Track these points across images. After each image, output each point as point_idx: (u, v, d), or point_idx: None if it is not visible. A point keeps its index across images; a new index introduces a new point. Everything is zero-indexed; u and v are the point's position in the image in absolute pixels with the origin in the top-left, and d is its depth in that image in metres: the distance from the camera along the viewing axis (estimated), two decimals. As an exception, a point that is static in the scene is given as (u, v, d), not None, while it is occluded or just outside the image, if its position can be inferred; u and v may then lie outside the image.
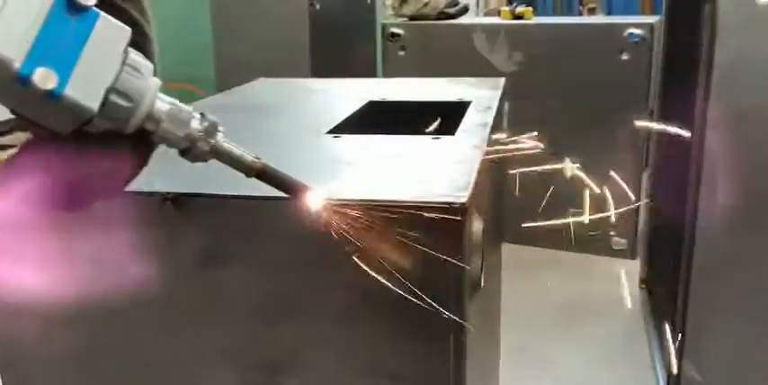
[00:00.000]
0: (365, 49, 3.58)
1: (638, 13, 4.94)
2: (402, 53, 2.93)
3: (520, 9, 2.84)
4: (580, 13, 5.10)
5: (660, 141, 2.36)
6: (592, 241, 2.71)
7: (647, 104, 2.62)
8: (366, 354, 0.72)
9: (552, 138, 2.95)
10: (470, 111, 1.09)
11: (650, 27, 2.57)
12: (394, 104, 1.21)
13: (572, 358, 2.05)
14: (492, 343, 1.32)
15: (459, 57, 2.79)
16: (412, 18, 2.95)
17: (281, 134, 1.01)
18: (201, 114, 0.62)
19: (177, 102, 0.61)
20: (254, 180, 0.63)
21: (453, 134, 0.95)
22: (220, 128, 0.62)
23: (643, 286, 2.41)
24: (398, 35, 2.92)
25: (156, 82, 0.59)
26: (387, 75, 2.95)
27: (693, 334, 1.69)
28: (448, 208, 0.66)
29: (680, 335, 1.69)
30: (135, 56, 0.57)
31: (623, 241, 2.69)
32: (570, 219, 0.98)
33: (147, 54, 0.63)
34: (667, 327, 1.79)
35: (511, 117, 1.36)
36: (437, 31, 2.92)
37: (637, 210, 2.65)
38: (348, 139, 0.95)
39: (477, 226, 0.71)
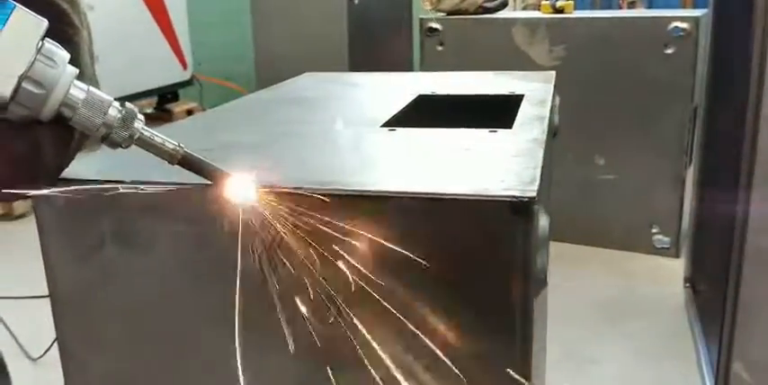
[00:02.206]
0: (402, 44, 3.57)
1: (680, 6, 4.85)
2: (440, 48, 2.91)
3: (560, 3, 2.80)
4: (620, 7, 5.02)
5: (706, 137, 2.30)
6: (634, 239, 2.66)
7: (691, 99, 2.56)
8: (426, 350, 0.71)
9: (594, 134, 2.93)
10: (524, 105, 1.07)
11: (695, 20, 2.51)
12: (444, 98, 1.20)
13: (615, 356, 2.02)
14: (543, 340, 1.31)
15: (498, 51, 2.76)
16: (450, 13, 2.94)
17: (338, 128, 1.00)
18: (122, 103, 0.65)
19: (96, 90, 0.64)
20: (321, 173, 0.63)
21: (510, 128, 0.94)
22: (140, 116, 0.65)
23: (687, 285, 2.36)
24: (437, 30, 2.90)
25: (72, 70, 0.62)
26: (424, 70, 2.94)
27: (743, 333, 1.65)
28: (516, 202, 0.65)
29: (728, 334, 1.65)
30: (50, 45, 0.61)
31: (666, 239, 2.64)
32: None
33: (74, 44, 0.69)
34: (714, 327, 1.75)
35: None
36: (476, 25, 2.89)
37: (681, 207, 2.60)
38: (404, 133, 0.94)
39: (543, 221, 0.70)
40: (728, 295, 1.67)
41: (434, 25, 2.90)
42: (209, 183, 0.67)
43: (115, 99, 0.66)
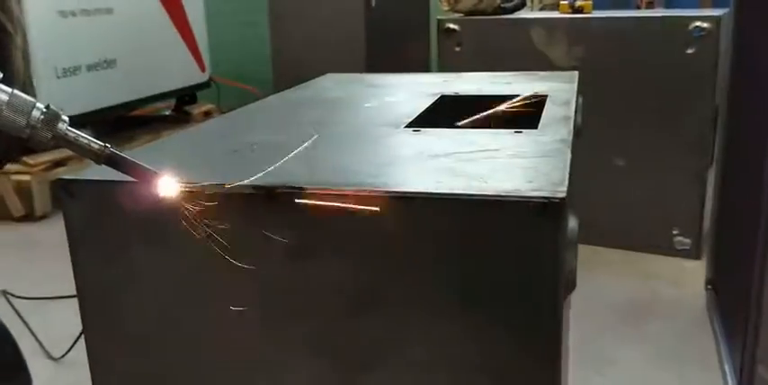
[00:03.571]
0: (419, 45, 3.57)
1: (698, 6, 4.80)
2: (458, 49, 2.90)
3: (579, 2, 2.78)
4: (637, 7, 4.98)
5: (728, 137, 2.28)
6: (654, 240, 2.64)
7: (712, 100, 2.53)
8: (456, 353, 0.71)
9: (614, 134, 2.90)
10: (549, 105, 1.06)
11: (717, 20, 2.48)
12: (467, 98, 1.20)
13: (635, 358, 2.00)
14: (566, 341, 1.30)
15: (516, 52, 2.75)
16: (468, 13, 2.93)
17: (362, 129, 1.00)
18: (47, 106, 0.68)
19: (19, 93, 0.66)
20: (349, 173, 0.63)
21: (535, 128, 0.93)
22: (64, 118, 0.68)
23: (709, 287, 2.33)
24: (454, 31, 2.90)
25: None
26: (442, 71, 2.93)
27: (767, 335, 1.63)
28: (546, 203, 0.64)
29: (753, 337, 1.63)
30: None
31: (687, 240, 2.61)
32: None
33: (5, 49, 0.72)
34: (737, 329, 1.73)
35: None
36: (493, 26, 2.88)
37: (702, 208, 2.58)
38: (429, 133, 0.94)
39: (572, 222, 0.69)
40: (752, 297, 1.65)
41: (452, 26, 2.89)
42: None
43: (133, 101, 0.69)
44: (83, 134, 0.69)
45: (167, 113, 4.29)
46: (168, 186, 0.69)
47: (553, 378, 0.69)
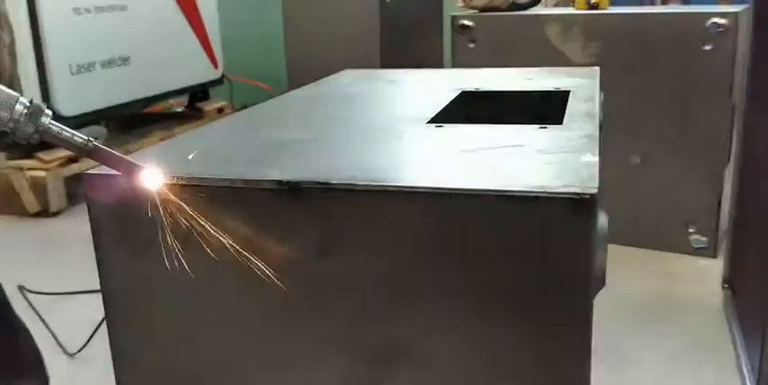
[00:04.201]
0: (433, 41, 3.56)
1: (716, 2, 4.76)
2: (472, 45, 2.89)
3: (595, -2, 2.76)
4: (652, 2, 4.94)
5: (746, 135, 2.25)
6: (670, 239, 2.62)
7: (730, 97, 2.51)
8: (484, 350, 0.70)
9: (629, 132, 2.88)
10: (572, 101, 1.05)
11: (735, 16, 2.46)
12: (488, 94, 1.19)
13: (651, 358, 1.98)
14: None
15: (531, 48, 2.73)
16: (482, 10, 2.91)
17: (385, 124, 0.99)
18: (30, 100, 0.69)
19: (2, 87, 0.68)
20: (375, 169, 0.63)
21: (559, 124, 0.92)
22: (47, 112, 0.70)
23: (726, 285, 2.31)
24: (468, 27, 2.88)
25: None
26: (456, 67, 2.92)
27: (787, 336, 1.61)
28: (577, 199, 0.63)
29: (772, 337, 1.61)
30: None
31: (704, 239, 2.59)
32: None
33: None
34: (755, 328, 1.72)
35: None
36: (508, 22, 2.86)
37: (718, 206, 2.55)
38: (452, 129, 0.93)
39: (602, 219, 0.68)
40: (772, 296, 1.63)
41: (466, 22, 2.88)
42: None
43: (147, 98, 0.70)
44: (66, 128, 0.71)
45: (180, 110, 4.29)
46: (153, 179, 0.70)
47: (582, 376, 0.68)
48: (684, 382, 1.89)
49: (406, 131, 0.95)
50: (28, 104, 0.69)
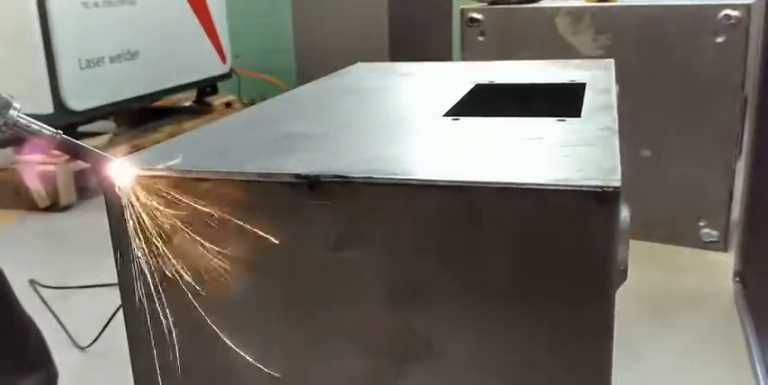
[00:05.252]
0: (442, 34, 3.54)
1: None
2: (481, 38, 2.87)
3: (606, -10, 2.74)
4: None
5: (758, 128, 2.24)
6: (680, 232, 2.61)
7: (742, 89, 2.49)
8: (502, 347, 0.70)
9: (640, 125, 2.86)
10: (589, 93, 1.04)
11: (747, 8, 2.44)
12: (503, 87, 1.18)
13: (661, 352, 1.98)
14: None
15: (541, 41, 2.72)
16: (492, 2, 2.90)
17: (401, 117, 0.99)
18: None
19: None
20: (393, 162, 0.63)
21: (577, 116, 0.92)
22: (15, 105, 0.71)
23: (737, 279, 2.30)
24: (478, 20, 2.87)
25: None
26: (465, 60, 2.90)
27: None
28: (600, 192, 0.63)
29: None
30: None
31: (714, 233, 2.57)
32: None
33: None
34: (767, 322, 1.71)
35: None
36: (518, 15, 2.84)
37: (730, 200, 2.54)
38: (469, 122, 0.92)
39: (624, 213, 0.68)
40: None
41: (475, 15, 2.86)
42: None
43: (155, 93, 0.71)
44: (34, 121, 0.72)
45: (188, 104, 4.29)
46: (122, 171, 0.71)
47: (603, 372, 0.67)
48: (696, 377, 1.88)
49: (423, 124, 0.94)
50: None
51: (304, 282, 0.74)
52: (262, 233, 0.72)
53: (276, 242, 0.72)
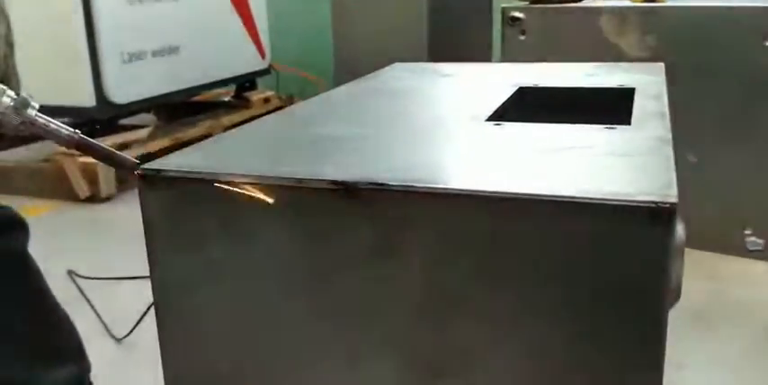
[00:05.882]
0: (482, 33, 3.50)
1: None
2: (522, 38, 2.82)
3: (653, -10, 2.67)
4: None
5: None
6: (725, 240, 2.53)
7: (793, 94, 2.40)
8: (546, 367, 0.67)
9: (686, 130, 2.78)
10: (639, 99, 1.00)
11: (801, 10, 2.34)
12: (548, 90, 1.14)
13: (703, 363, 1.91)
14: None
15: (584, 42, 2.66)
16: (534, 1, 2.84)
17: (441, 121, 0.96)
18: (17, 93, 0.70)
19: None
20: (433, 170, 0.61)
21: (627, 124, 0.88)
22: (33, 104, 0.71)
23: (784, 291, 2.22)
24: (519, 19, 2.81)
25: None
26: (505, 60, 2.86)
27: None
28: (656, 208, 0.59)
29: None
30: None
31: (761, 241, 2.49)
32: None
33: None
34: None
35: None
36: (560, 14, 2.79)
37: (778, 208, 2.45)
38: (512, 128, 0.89)
39: (680, 229, 0.64)
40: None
41: (517, 14, 2.81)
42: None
43: (195, 87, 0.71)
44: (53, 120, 0.72)
45: (227, 99, 4.32)
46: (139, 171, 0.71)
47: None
48: (740, 391, 1.82)
49: (465, 129, 0.91)
50: (14, 97, 0.70)
51: (338, 292, 0.72)
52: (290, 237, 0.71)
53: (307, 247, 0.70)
